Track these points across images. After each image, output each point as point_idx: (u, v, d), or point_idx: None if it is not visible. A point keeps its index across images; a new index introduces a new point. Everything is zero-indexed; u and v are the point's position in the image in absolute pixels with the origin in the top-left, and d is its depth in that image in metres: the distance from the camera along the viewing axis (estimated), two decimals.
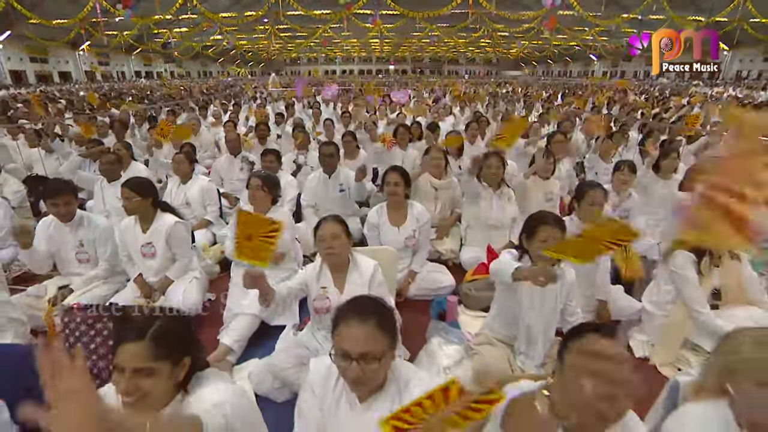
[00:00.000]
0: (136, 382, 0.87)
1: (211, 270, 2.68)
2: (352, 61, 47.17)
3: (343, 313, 1.04)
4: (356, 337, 0.98)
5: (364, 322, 1.00)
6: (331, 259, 1.70)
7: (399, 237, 2.36)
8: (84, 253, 2.33)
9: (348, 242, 1.73)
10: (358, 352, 0.96)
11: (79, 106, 9.62)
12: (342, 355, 0.98)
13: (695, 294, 1.85)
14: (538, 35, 29.71)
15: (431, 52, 43.23)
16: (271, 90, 13.96)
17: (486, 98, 10.43)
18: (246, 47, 35.97)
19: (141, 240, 2.24)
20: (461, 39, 33.36)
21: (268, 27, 28.07)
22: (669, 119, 6.71)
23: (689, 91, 16.71)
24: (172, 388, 0.95)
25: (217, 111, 7.59)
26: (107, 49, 28.23)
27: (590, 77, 33.75)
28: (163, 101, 10.08)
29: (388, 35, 30.80)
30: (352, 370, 0.96)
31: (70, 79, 28.28)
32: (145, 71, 35.50)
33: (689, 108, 8.56)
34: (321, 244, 1.69)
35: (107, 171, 3.06)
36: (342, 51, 42.64)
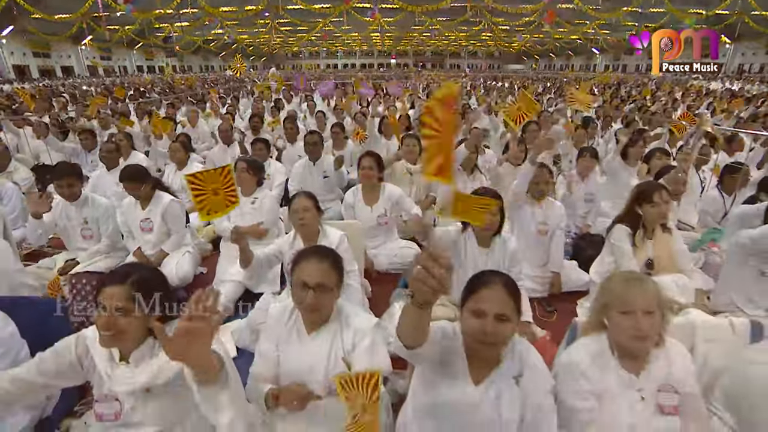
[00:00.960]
0: (114, 319, 1.05)
1: (203, 247, 2.94)
2: (353, 55, 47.08)
3: (305, 253, 1.29)
4: (314, 271, 1.22)
5: (321, 261, 1.25)
6: (303, 229, 1.94)
7: (372, 215, 2.60)
8: (88, 229, 2.58)
9: (317, 215, 1.97)
10: (315, 282, 1.20)
11: (81, 100, 9.86)
12: (301, 285, 1.22)
13: (629, 263, 2.08)
14: (538, 29, 29.65)
15: (433, 46, 43.10)
16: (271, 83, 14.19)
17: (480, 91, 10.60)
18: (247, 41, 36.05)
19: (140, 216, 2.50)
20: (462, 33, 33.31)
21: (268, 21, 28.16)
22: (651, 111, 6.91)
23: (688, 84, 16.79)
24: (145, 330, 1.12)
25: (214, 103, 7.82)
26: (109, 43, 28.40)
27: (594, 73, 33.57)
28: (164, 95, 10.31)
29: (388, 29, 30.82)
30: (309, 297, 1.20)
31: (73, 74, 28.53)
32: (147, 66, 35.67)
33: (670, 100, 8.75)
34: (294, 215, 1.93)
35: (107, 158, 3.31)
36: (343, 45, 42.57)
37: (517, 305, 1.07)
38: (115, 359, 1.12)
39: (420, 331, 0.95)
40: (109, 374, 1.10)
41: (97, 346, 1.10)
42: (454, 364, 1.12)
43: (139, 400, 1.11)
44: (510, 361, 1.12)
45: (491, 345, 1.05)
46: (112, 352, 1.12)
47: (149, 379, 1.08)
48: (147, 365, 1.10)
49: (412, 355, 0.99)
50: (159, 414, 1.12)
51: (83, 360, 1.12)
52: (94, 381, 1.14)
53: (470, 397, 1.10)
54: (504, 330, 1.04)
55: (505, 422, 1.08)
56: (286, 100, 8.28)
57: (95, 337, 1.10)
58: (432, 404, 1.16)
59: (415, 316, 0.89)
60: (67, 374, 1.12)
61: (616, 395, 1.15)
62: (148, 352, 1.11)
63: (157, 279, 1.19)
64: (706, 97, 11.15)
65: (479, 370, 1.12)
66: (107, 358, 1.11)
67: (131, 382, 1.08)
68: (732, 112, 7.19)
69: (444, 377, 1.13)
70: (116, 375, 1.10)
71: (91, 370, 1.12)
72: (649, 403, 1.14)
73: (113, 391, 1.10)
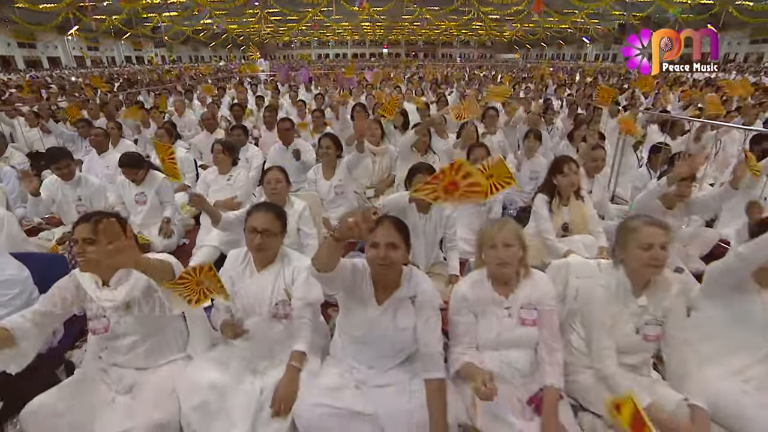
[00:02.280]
0: (84, 247, 1.40)
1: (186, 222, 3.31)
2: (345, 45, 46.81)
3: (256, 207, 1.66)
4: (262, 219, 1.58)
5: (267, 212, 1.61)
6: (274, 197, 2.30)
7: (330, 187, 2.97)
8: (82, 206, 2.91)
9: (287, 186, 2.33)
10: (262, 227, 1.56)
11: (71, 91, 10.01)
12: (251, 230, 1.57)
13: (546, 226, 2.46)
14: (528, 18, 29.76)
15: (424, 36, 42.95)
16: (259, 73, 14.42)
17: (462, 81, 10.90)
18: (237, 31, 35.75)
19: (135, 191, 2.92)
20: (452, 22, 33.31)
21: (257, 11, 27.98)
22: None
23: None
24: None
25: (202, 95, 8.05)
26: (96, 33, 28.08)
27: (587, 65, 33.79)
28: (152, 86, 10.47)
29: (378, 19, 30.73)
30: (257, 239, 1.55)
31: (60, 65, 28.19)
32: (135, 56, 35.27)
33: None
34: (267, 186, 2.31)
35: (97, 143, 3.63)
36: (334, 35, 42.31)
37: (405, 237, 1.43)
38: (99, 284, 1.47)
39: (332, 260, 1.30)
40: (97, 296, 1.45)
41: (85, 276, 1.45)
42: (363, 290, 1.49)
43: (121, 315, 1.47)
44: (406, 287, 1.49)
45: (387, 267, 1.41)
46: (96, 280, 1.47)
47: (126, 295, 1.45)
48: (123, 286, 1.46)
49: (323, 278, 1.35)
50: (138, 325, 1.49)
51: (78, 289, 1.47)
52: (86, 305, 1.49)
53: (374, 313, 1.47)
54: (395, 255, 1.40)
55: (401, 330, 1.46)
56: (276, 90, 8.54)
57: (79, 271, 1.46)
58: (348, 322, 1.53)
59: (331, 247, 1.25)
60: (68, 300, 1.46)
61: (489, 312, 1.53)
62: (124, 276, 1.47)
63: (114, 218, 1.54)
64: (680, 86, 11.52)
65: (382, 294, 1.49)
66: (93, 285, 1.47)
67: (113, 300, 1.45)
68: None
69: (355, 301, 1.50)
70: (101, 296, 1.45)
71: (83, 296, 1.47)
72: (514, 317, 1.52)
73: (101, 309, 1.46)
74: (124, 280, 1.47)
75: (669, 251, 1.43)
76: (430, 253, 2.33)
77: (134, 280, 1.47)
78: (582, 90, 8.70)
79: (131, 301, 1.47)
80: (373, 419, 1.39)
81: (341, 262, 1.36)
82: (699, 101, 5.83)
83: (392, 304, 1.47)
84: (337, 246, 1.25)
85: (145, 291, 1.47)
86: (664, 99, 7.31)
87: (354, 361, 1.53)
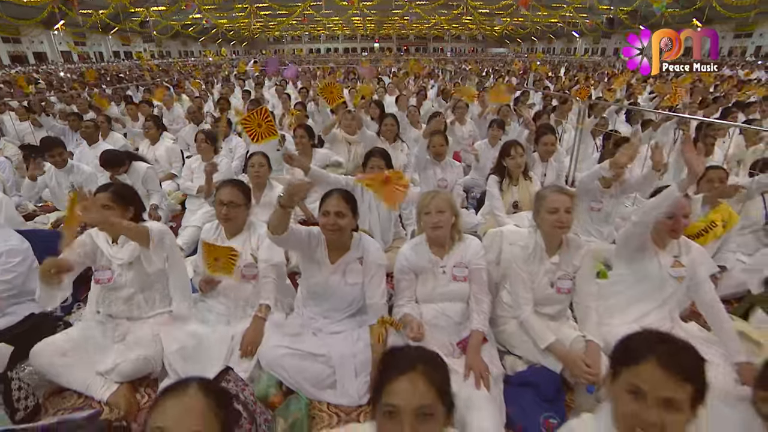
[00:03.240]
0: (102, 211, 1.64)
1: (173, 208, 3.53)
2: (336, 40, 46.69)
3: (222, 184, 1.91)
4: (227, 192, 1.84)
5: (233, 187, 1.87)
6: (256, 179, 2.57)
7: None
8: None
9: (268, 170, 2.60)
10: (228, 200, 1.82)
11: (59, 86, 10.09)
12: (219, 203, 1.84)
13: (497, 203, 2.74)
14: (517, 12, 30.01)
15: (416, 30, 42.99)
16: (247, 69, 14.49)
17: (448, 75, 11.14)
18: (226, 26, 35.53)
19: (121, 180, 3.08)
20: (442, 16, 33.45)
21: (246, 5, 27.88)
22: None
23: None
24: None
25: (190, 89, 8.22)
26: (83, 28, 27.78)
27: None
28: (140, 81, 10.57)
29: (368, 13, 30.75)
30: (224, 210, 1.82)
31: (46, 60, 27.84)
32: (123, 51, 34.92)
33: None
34: (251, 169, 2.60)
35: (87, 135, 3.83)
36: (325, 29, 42.17)
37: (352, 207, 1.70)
38: (109, 241, 1.74)
39: (282, 225, 1.57)
40: (108, 250, 1.73)
41: (100, 234, 1.73)
42: (319, 252, 1.76)
43: (123, 270, 1.74)
44: (355, 250, 1.76)
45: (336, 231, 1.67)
46: (107, 238, 1.74)
47: (129, 255, 1.71)
48: (128, 246, 1.73)
49: (278, 240, 1.62)
50: (136, 280, 1.75)
51: (93, 244, 1.74)
52: (96, 257, 1.75)
53: (328, 272, 1.74)
54: (342, 222, 1.67)
55: (350, 285, 1.73)
56: (259, 85, 8.71)
57: (96, 231, 1.75)
58: (307, 280, 1.80)
59: (279, 213, 1.52)
60: (89, 255, 1.73)
61: (427, 270, 1.80)
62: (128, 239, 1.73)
63: (130, 190, 1.81)
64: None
65: (334, 255, 1.76)
66: (105, 241, 1.73)
67: (119, 257, 1.71)
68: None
69: (313, 262, 1.77)
70: (112, 251, 1.73)
71: (96, 249, 1.74)
72: (447, 275, 1.79)
73: (108, 262, 1.73)
74: (128, 241, 1.73)
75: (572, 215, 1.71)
76: (386, 226, 2.60)
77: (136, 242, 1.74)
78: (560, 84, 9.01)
79: (134, 259, 1.73)
80: (325, 359, 1.66)
81: (294, 228, 1.64)
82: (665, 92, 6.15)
83: (343, 264, 1.74)
84: (284, 212, 1.53)
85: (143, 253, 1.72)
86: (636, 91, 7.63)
87: (312, 312, 1.80)
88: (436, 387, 0.84)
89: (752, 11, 23.38)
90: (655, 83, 9.27)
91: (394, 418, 0.83)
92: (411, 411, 0.81)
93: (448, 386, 0.89)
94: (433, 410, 0.83)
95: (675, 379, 0.81)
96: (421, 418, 0.82)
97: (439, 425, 0.85)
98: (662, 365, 0.83)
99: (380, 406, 0.85)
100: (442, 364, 0.92)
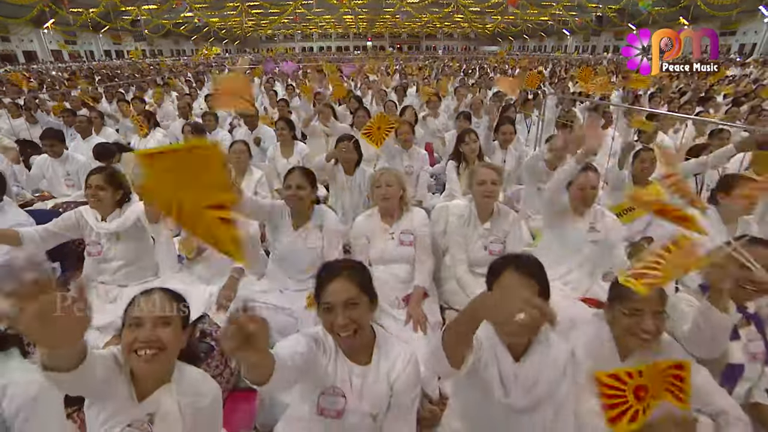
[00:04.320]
0: (97, 192, 1.93)
1: None
2: (329, 38, 46.77)
3: None
4: None
5: None
6: (236, 165, 2.86)
7: (288, 165, 3.49)
8: (70, 180, 3.40)
9: (248, 157, 2.90)
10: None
11: (51, 85, 10.26)
12: None
13: (454, 186, 3.05)
14: (508, 10, 30.37)
15: (408, 28, 43.20)
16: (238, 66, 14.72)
17: (432, 72, 11.45)
18: (218, 25, 35.55)
19: None
20: (434, 14, 33.74)
21: (238, 4, 27.96)
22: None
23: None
24: (115, 203, 2.01)
25: (180, 87, 8.46)
26: (73, 27, 27.70)
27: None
28: (132, 79, 10.77)
29: (360, 11, 30.94)
30: None
31: (36, 59, 27.73)
32: (114, 50, 34.82)
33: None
34: (233, 155, 2.90)
35: (81, 129, 4.10)
36: (318, 28, 42.26)
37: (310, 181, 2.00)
38: (98, 218, 2.01)
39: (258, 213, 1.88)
40: (97, 226, 2.00)
41: (89, 211, 2.00)
42: (283, 221, 2.06)
43: (112, 243, 2.02)
44: (315, 218, 2.06)
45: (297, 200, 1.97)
46: (96, 215, 2.01)
47: (117, 227, 1.99)
48: (116, 220, 2.00)
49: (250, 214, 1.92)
50: (125, 252, 2.03)
51: (80, 220, 2.01)
52: (85, 234, 2.02)
53: (291, 237, 2.04)
54: (302, 192, 1.97)
55: (310, 249, 2.04)
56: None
57: (86, 209, 2.01)
58: (274, 245, 2.10)
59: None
60: (71, 228, 2.00)
61: (378, 236, 2.11)
62: (117, 215, 2.01)
63: (120, 174, 2.08)
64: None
65: (297, 222, 2.05)
66: (94, 218, 2.00)
67: (107, 229, 1.99)
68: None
69: (278, 230, 2.07)
70: (100, 226, 2.00)
71: (84, 225, 2.01)
72: (395, 240, 2.10)
73: (98, 237, 2.00)
74: (117, 217, 2.01)
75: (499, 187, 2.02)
76: (357, 205, 2.90)
77: (124, 217, 2.01)
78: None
79: (121, 233, 2.01)
80: (290, 312, 1.96)
81: (258, 203, 1.97)
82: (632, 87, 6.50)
83: (304, 230, 2.04)
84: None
85: (132, 226, 2.01)
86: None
87: (278, 273, 2.10)
88: (357, 283, 1.16)
89: (734, 10, 23.87)
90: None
91: (331, 311, 1.14)
92: (341, 303, 1.13)
93: (370, 283, 1.22)
94: (357, 300, 1.15)
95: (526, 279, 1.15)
96: (350, 307, 1.14)
97: (366, 311, 1.18)
98: (515, 270, 1.16)
99: (321, 306, 1.17)
100: (363, 268, 1.26)
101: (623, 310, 1.22)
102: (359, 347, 1.20)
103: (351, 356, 1.21)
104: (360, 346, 1.20)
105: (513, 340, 1.18)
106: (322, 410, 1.17)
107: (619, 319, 1.23)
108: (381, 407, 1.18)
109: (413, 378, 1.19)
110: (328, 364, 1.19)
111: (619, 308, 1.23)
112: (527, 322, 0.77)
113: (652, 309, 1.18)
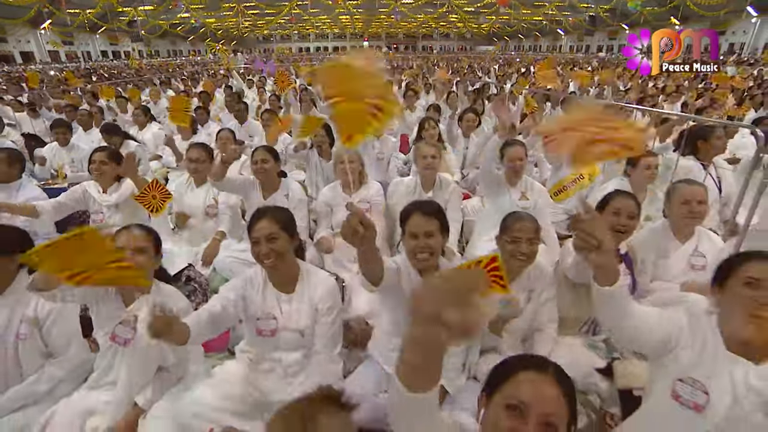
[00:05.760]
0: (100, 166, 2.32)
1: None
2: (326, 38, 47.10)
3: (191, 146, 2.56)
4: (195, 151, 2.50)
5: (199, 148, 2.52)
6: (223, 150, 3.21)
7: None
8: (74, 166, 3.77)
9: (233, 143, 3.26)
10: (195, 157, 2.48)
11: (50, 85, 10.61)
12: (189, 160, 2.49)
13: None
14: (500, 10, 30.78)
15: (404, 28, 43.55)
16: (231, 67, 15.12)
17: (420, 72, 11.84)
18: (215, 25, 35.87)
19: None
20: (428, 15, 34.13)
21: (234, 5, 28.29)
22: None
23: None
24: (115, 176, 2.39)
25: (175, 86, 8.83)
26: (70, 28, 27.95)
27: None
28: (129, 78, 11.13)
29: (355, 12, 31.29)
30: (192, 165, 2.48)
31: (33, 59, 27.95)
32: (111, 51, 35.06)
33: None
34: (219, 141, 3.32)
35: (82, 122, 4.48)
36: (314, 28, 42.57)
37: (273, 156, 2.37)
38: (100, 191, 2.38)
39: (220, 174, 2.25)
40: (99, 197, 2.38)
41: (92, 185, 2.37)
42: (254, 191, 2.43)
43: (112, 212, 2.39)
44: (282, 189, 2.45)
45: (263, 173, 2.35)
46: (98, 188, 2.38)
47: (116, 199, 2.36)
48: (115, 194, 2.38)
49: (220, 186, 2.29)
50: (123, 220, 2.40)
51: (85, 193, 2.38)
52: (89, 204, 2.39)
53: (261, 203, 2.41)
54: (267, 166, 2.34)
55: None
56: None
57: (90, 184, 2.38)
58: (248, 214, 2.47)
59: (217, 168, 2.19)
60: (78, 200, 2.37)
61: (338, 205, 2.49)
62: (116, 188, 2.39)
63: (120, 153, 2.45)
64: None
65: (266, 192, 2.43)
66: (96, 190, 2.38)
67: (108, 200, 2.36)
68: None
69: (251, 199, 2.44)
70: (102, 198, 2.38)
71: (88, 198, 2.39)
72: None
73: (100, 206, 2.37)
74: (115, 189, 2.39)
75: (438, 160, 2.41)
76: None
77: (123, 189, 2.40)
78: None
79: (120, 204, 2.39)
80: None
81: (232, 178, 2.32)
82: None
83: (272, 200, 2.42)
84: (221, 166, 2.19)
85: (129, 199, 2.38)
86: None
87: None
88: (277, 221, 1.39)
89: (722, 10, 24.30)
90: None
91: (258, 244, 1.38)
92: (264, 237, 1.37)
93: (290, 222, 1.46)
94: (277, 235, 1.37)
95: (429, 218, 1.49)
96: (272, 240, 1.37)
97: (285, 243, 1.39)
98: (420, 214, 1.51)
99: (251, 240, 1.40)
100: (285, 211, 1.50)
101: (506, 239, 1.59)
102: (286, 279, 1.47)
103: (279, 287, 1.47)
104: (286, 277, 1.46)
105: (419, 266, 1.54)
106: (260, 331, 1.45)
107: (504, 246, 1.60)
108: (307, 324, 1.46)
109: (333, 300, 1.48)
110: (257, 294, 1.46)
111: (504, 238, 1.60)
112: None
113: (527, 237, 1.55)
